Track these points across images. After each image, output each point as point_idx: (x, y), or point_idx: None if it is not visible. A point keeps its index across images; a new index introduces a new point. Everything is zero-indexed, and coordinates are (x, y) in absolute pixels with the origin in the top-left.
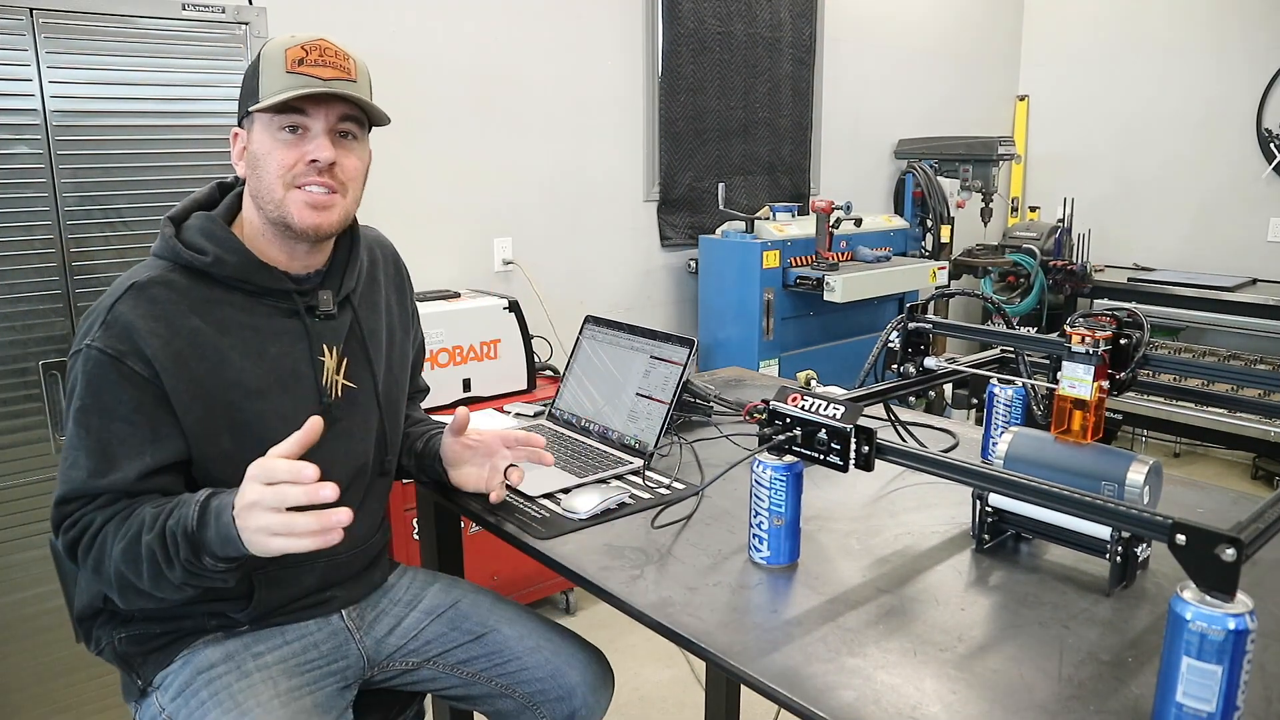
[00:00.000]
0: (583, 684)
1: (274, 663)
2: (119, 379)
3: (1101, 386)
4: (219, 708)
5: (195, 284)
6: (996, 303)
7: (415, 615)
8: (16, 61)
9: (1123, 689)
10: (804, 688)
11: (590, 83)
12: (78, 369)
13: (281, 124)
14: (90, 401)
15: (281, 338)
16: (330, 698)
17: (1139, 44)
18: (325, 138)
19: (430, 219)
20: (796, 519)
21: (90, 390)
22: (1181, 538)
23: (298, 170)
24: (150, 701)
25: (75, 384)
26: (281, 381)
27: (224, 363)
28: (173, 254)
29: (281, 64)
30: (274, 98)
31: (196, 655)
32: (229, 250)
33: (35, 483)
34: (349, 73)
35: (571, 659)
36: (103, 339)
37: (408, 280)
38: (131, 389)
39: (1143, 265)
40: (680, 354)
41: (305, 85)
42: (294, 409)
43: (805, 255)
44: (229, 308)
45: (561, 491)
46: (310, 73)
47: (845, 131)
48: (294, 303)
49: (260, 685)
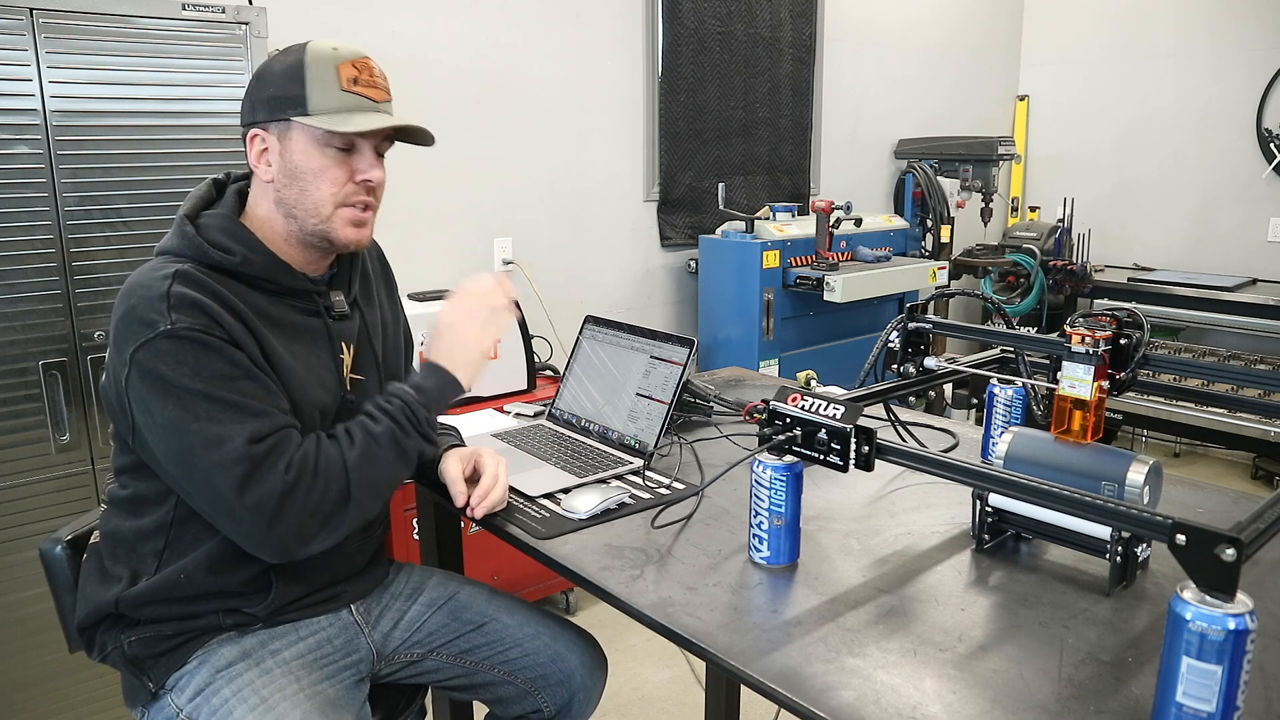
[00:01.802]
0: (581, 667)
1: (292, 658)
2: (220, 345)
3: (1101, 386)
4: (244, 704)
5: (222, 280)
6: (996, 303)
7: (417, 608)
8: (16, 61)
9: (1123, 689)
10: (804, 688)
11: (590, 83)
12: (169, 352)
13: (338, 142)
14: (209, 373)
15: (305, 334)
16: (349, 691)
17: (1139, 44)
18: (373, 156)
19: (430, 219)
20: (796, 519)
21: (202, 365)
22: (1181, 538)
23: (349, 190)
24: (164, 704)
25: (185, 364)
26: (312, 373)
27: (270, 347)
28: (198, 252)
29: (334, 80)
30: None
31: (213, 655)
32: (254, 250)
33: (35, 483)
34: (388, 92)
35: (570, 644)
36: (181, 317)
37: (390, 271)
38: (233, 351)
39: (1143, 265)
40: (680, 354)
41: (361, 107)
42: (323, 400)
43: (805, 255)
44: (260, 302)
45: (561, 491)
46: (365, 94)
47: (845, 131)
48: (315, 303)
49: (283, 680)
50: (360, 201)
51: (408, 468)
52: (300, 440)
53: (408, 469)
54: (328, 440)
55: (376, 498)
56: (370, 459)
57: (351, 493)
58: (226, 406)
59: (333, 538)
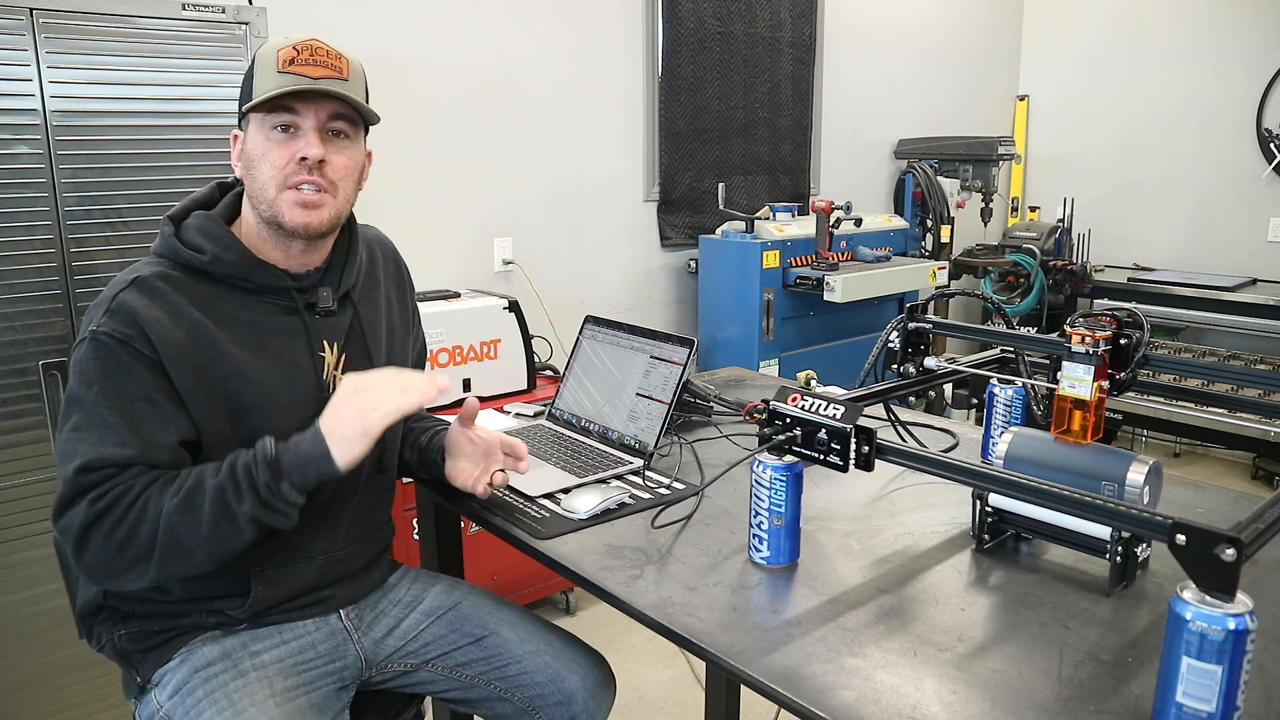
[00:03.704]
0: (583, 689)
1: (271, 662)
2: (130, 360)
3: (1101, 386)
4: (214, 707)
5: (195, 281)
6: (996, 303)
7: (415, 617)
8: (16, 61)
9: (1123, 689)
10: (804, 688)
11: (590, 83)
12: (86, 354)
13: (274, 123)
14: (107, 384)
15: (281, 334)
16: (327, 698)
17: (1139, 44)
18: (315, 135)
19: (430, 219)
20: (796, 519)
21: (105, 373)
22: (1181, 538)
23: (289, 170)
24: (149, 698)
25: (85, 368)
26: (282, 373)
27: (224, 354)
28: (172, 252)
29: (273, 64)
30: (263, 95)
31: (194, 653)
32: (227, 249)
33: (35, 483)
34: (341, 72)
35: (572, 663)
36: (110, 324)
37: (408, 279)
38: (144, 370)
39: (1143, 265)
40: (680, 354)
41: (295, 84)
42: (294, 400)
43: (805, 255)
44: (228, 304)
45: (561, 491)
46: (301, 71)
47: (845, 131)
48: (293, 300)
49: (256, 685)
50: (301, 181)
51: (235, 535)
52: (137, 486)
53: (235, 537)
54: (164, 481)
55: (182, 557)
56: (188, 510)
57: (157, 541)
58: (95, 425)
59: (145, 579)
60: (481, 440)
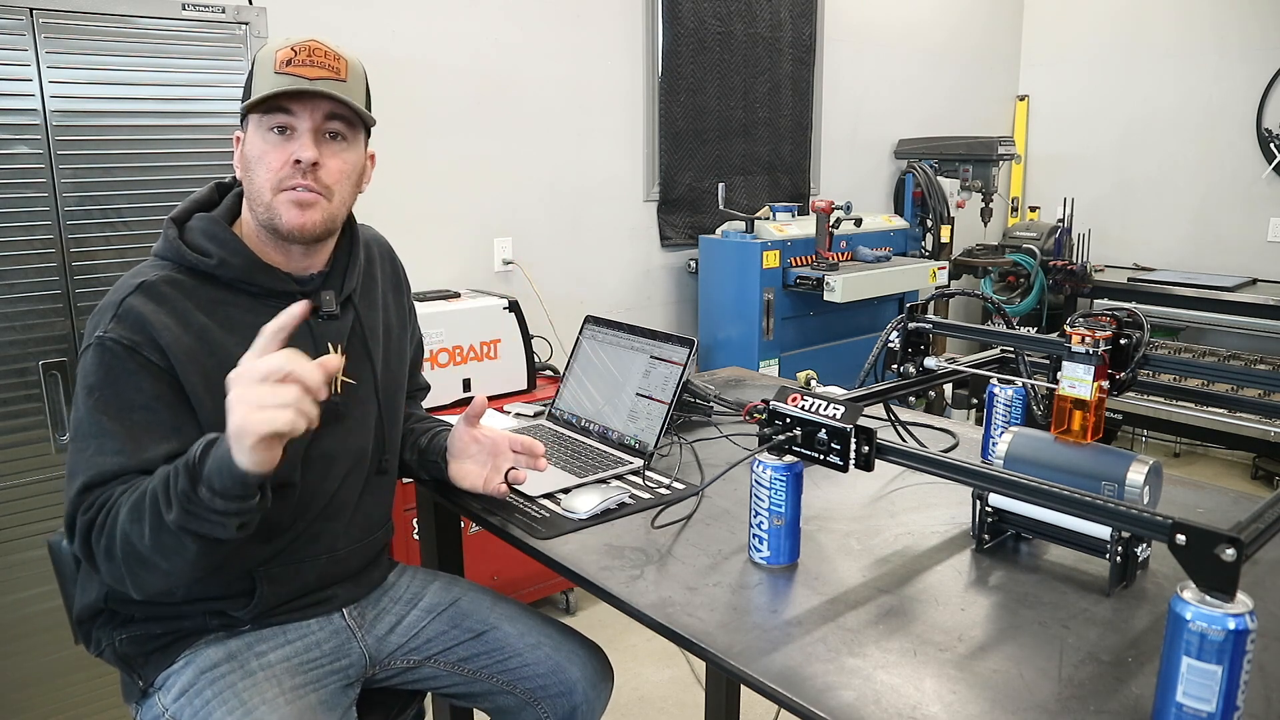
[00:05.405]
0: (583, 679)
1: (277, 661)
2: (136, 369)
3: (1101, 386)
4: (224, 706)
5: (201, 285)
6: (996, 303)
7: (416, 613)
8: (16, 61)
9: (1123, 689)
10: (804, 688)
11: (590, 83)
12: (91, 360)
13: (270, 124)
14: (110, 392)
15: None
16: (334, 696)
17: (1139, 44)
18: (309, 137)
19: (430, 219)
20: (796, 519)
21: (109, 380)
22: (1181, 538)
23: (284, 173)
24: (152, 702)
25: (90, 375)
26: None
27: (232, 358)
28: (177, 256)
29: (271, 65)
30: (259, 95)
31: (199, 655)
32: (232, 252)
33: (35, 483)
34: (338, 73)
35: (572, 655)
36: (117, 330)
37: (404, 277)
38: (149, 378)
39: (1143, 265)
40: (680, 354)
41: (290, 84)
42: None
43: (805, 255)
44: (234, 308)
45: (561, 491)
46: (297, 72)
47: (845, 131)
48: None
49: (265, 684)
50: (295, 184)
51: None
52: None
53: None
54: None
55: (146, 567)
56: (135, 520)
57: (118, 551)
58: (93, 434)
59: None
60: (488, 439)
